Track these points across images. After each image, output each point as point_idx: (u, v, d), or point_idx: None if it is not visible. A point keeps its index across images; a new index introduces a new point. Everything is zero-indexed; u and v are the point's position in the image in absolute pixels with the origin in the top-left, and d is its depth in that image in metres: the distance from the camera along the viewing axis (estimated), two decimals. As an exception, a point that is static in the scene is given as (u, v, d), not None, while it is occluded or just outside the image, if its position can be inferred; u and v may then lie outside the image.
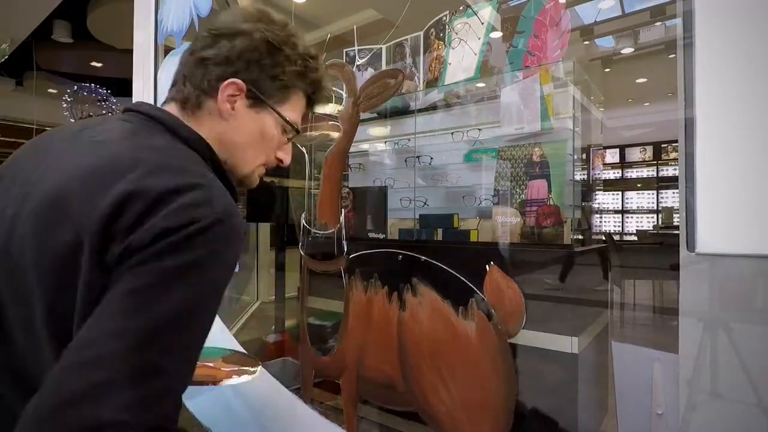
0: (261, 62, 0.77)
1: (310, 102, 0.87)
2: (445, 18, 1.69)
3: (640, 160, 6.96)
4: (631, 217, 6.79)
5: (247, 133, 0.80)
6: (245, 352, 1.39)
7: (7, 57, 5.95)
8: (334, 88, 1.40)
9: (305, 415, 1.44)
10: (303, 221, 1.47)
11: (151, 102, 1.90)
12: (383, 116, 2.49)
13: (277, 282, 2.78)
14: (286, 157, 0.87)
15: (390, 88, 1.24)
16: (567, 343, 1.42)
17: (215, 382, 1.13)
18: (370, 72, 1.49)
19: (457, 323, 1.13)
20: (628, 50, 3.22)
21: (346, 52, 1.72)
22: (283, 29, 0.81)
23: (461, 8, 1.60)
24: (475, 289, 1.09)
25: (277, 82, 0.79)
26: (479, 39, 1.50)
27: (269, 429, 1.51)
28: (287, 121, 0.82)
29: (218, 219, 0.57)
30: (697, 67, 0.69)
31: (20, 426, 0.48)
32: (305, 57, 0.82)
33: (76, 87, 7.66)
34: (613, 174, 7.05)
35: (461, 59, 1.57)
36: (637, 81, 4.84)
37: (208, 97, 0.77)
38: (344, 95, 1.32)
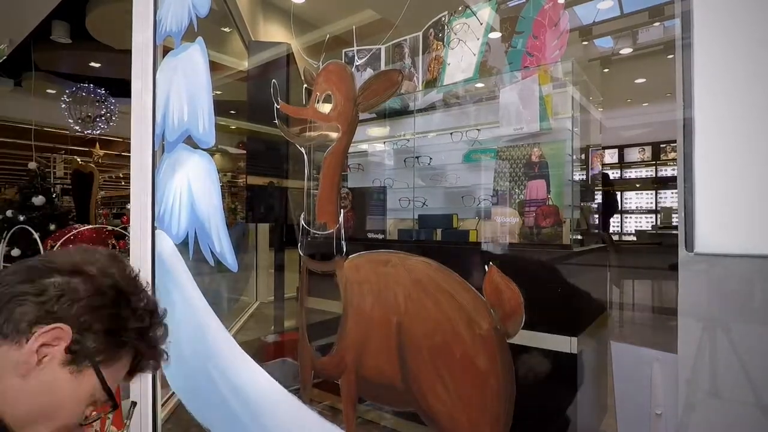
0: (101, 311, 0.63)
1: (136, 364, 0.70)
2: (444, 18, 1.69)
3: (639, 160, 6.97)
4: (630, 218, 6.80)
5: (43, 401, 0.60)
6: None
7: (5, 57, 5.95)
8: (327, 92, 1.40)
9: (304, 416, 1.43)
10: (302, 221, 1.47)
11: (150, 99, 1.90)
12: (382, 116, 2.49)
13: (276, 282, 2.78)
14: None
15: (389, 88, 1.24)
16: (566, 343, 1.42)
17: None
18: (369, 72, 1.49)
19: (457, 324, 1.13)
20: (626, 51, 3.23)
21: (345, 52, 1.72)
22: (131, 277, 0.69)
23: (460, 9, 1.60)
24: (474, 289, 1.09)
25: (111, 337, 0.64)
26: (478, 39, 1.50)
27: (268, 430, 1.50)
28: (108, 393, 0.64)
29: None
30: (696, 67, 0.69)
31: None
32: (153, 313, 0.69)
33: (74, 87, 7.67)
34: (611, 174, 7.05)
35: (460, 59, 1.57)
36: (636, 81, 4.85)
37: (8, 342, 0.59)
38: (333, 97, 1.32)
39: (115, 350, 0.65)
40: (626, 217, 6.77)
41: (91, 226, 6.45)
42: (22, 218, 6.48)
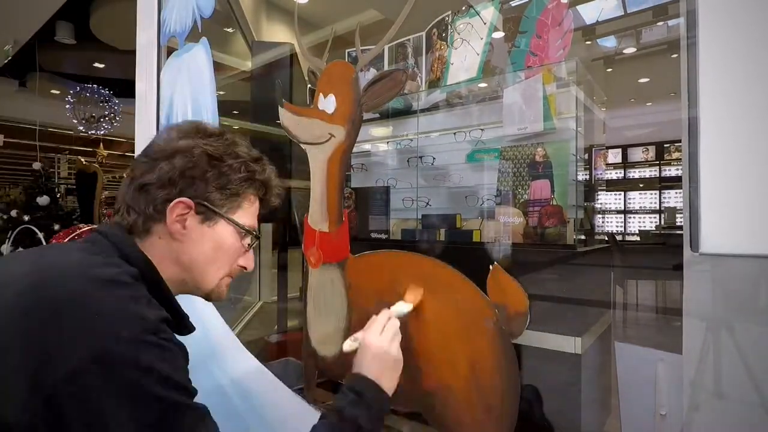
0: (205, 176, 0.77)
1: (263, 203, 0.88)
2: (447, 18, 1.69)
3: (643, 160, 6.94)
4: (634, 218, 6.78)
5: (204, 249, 0.79)
6: None
7: (10, 58, 5.98)
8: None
9: (308, 416, 1.44)
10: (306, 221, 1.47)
11: (154, 99, 1.91)
12: (385, 116, 2.49)
13: (279, 282, 2.78)
14: (249, 264, 0.87)
15: (393, 88, 1.24)
16: (570, 344, 1.42)
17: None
18: (372, 72, 1.49)
19: (461, 323, 1.13)
20: (630, 50, 3.21)
21: (348, 52, 1.72)
22: (219, 139, 0.81)
23: (463, 8, 1.60)
24: (478, 289, 1.09)
25: (225, 191, 0.79)
26: (482, 39, 1.50)
27: (272, 429, 1.51)
28: (244, 228, 0.82)
29: None
30: (701, 66, 0.69)
31: None
32: (248, 162, 0.83)
33: (78, 88, 7.70)
34: (615, 174, 7.04)
35: (464, 59, 1.57)
36: (640, 81, 4.83)
37: (156, 222, 0.76)
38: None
39: (233, 199, 0.81)
40: (630, 217, 6.76)
41: (95, 226, 6.47)
42: (26, 218, 6.51)
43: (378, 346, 0.88)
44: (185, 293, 0.83)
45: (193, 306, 1.82)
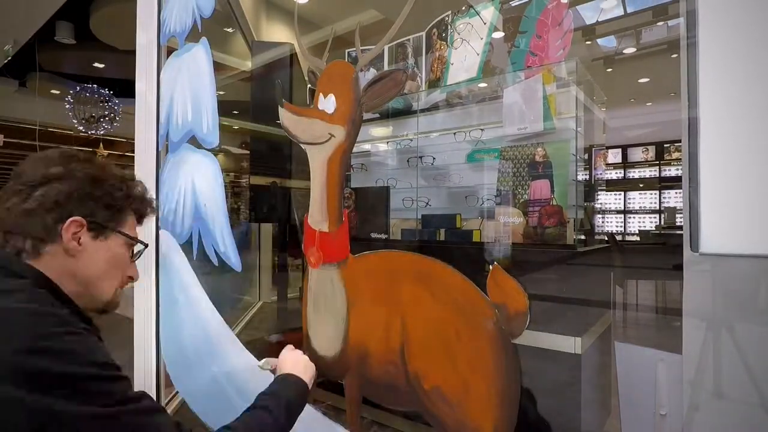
0: (92, 196, 0.83)
1: (140, 217, 0.95)
2: (447, 18, 1.69)
3: (643, 160, 6.95)
4: (634, 218, 6.78)
5: (99, 263, 0.85)
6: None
7: (10, 58, 5.98)
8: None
9: (308, 416, 1.44)
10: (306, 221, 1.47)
11: (154, 99, 1.91)
12: (385, 117, 2.49)
13: (279, 282, 2.78)
14: (135, 274, 0.95)
15: (393, 88, 1.24)
16: (570, 344, 1.42)
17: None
18: (372, 72, 1.49)
19: (461, 323, 1.13)
20: (630, 50, 3.22)
21: (348, 52, 1.72)
22: (94, 163, 0.88)
23: (463, 8, 1.60)
24: (478, 289, 1.09)
25: (111, 208, 0.86)
26: (482, 39, 1.50)
27: (272, 429, 1.51)
28: (134, 238, 0.91)
29: None
30: (701, 66, 0.69)
31: None
32: (125, 179, 0.91)
33: (78, 88, 7.69)
34: (615, 174, 7.04)
35: (463, 59, 1.57)
36: (640, 81, 4.83)
37: (47, 243, 0.80)
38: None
39: (118, 214, 0.88)
40: (630, 217, 6.76)
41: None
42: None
43: (292, 354, 1.16)
44: (82, 308, 0.88)
45: (193, 305, 1.82)
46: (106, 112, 7.85)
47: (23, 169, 0.84)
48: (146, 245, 0.94)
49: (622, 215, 6.82)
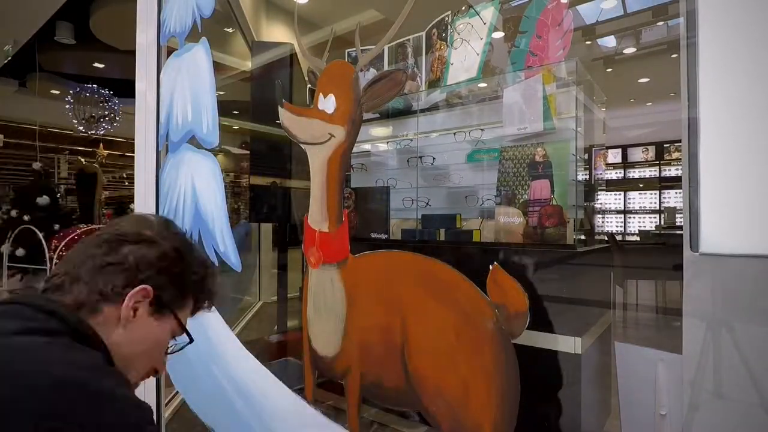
0: (169, 270, 0.79)
1: (196, 309, 0.88)
2: (447, 18, 1.69)
3: (643, 160, 6.95)
4: (634, 218, 6.78)
5: (144, 343, 0.79)
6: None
7: (10, 58, 5.98)
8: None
9: (308, 416, 1.44)
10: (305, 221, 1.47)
11: (154, 99, 1.90)
12: (385, 116, 2.49)
13: (279, 282, 2.78)
14: (163, 367, 0.86)
15: (393, 88, 1.24)
16: (570, 344, 1.42)
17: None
18: (372, 72, 1.49)
19: (461, 324, 1.13)
20: (630, 50, 3.22)
21: (348, 52, 1.72)
22: (185, 238, 0.85)
23: (463, 8, 1.60)
24: (478, 289, 1.09)
25: (179, 289, 0.81)
26: (481, 39, 1.50)
27: (272, 429, 1.51)
28: (184, 328, 0.84)
29: None
30: (701, 66, 0.69)
31: None
32: (206, 266, 0.87)
33: (78, 88, 7.70)
34: (615, 174, 7.04)
35: (463, 59, 1.57)
36: (640, 81, 4.83)
37: (109, 304, 0.74)
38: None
39: (182, 298, 0.83)
40: (630, 217, 6.76)
41: (95, 226, 6.47)
42: (26, 218, 6.51)
43: None
44: None
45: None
46: (106, 112, 7.86)
47: (122, 224, 0.83)
48: (191, 340, 0.86)
49: (622, 215, 6.83)
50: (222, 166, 1.70)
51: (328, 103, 1.33)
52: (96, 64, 7.54)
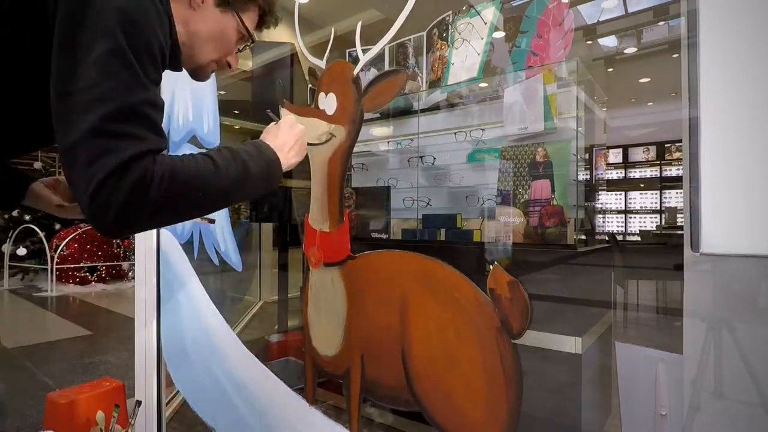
0: None
1: (261, 21, 0.97)
2: (448, 18, 1.69)
3: (644, 160, 6.94)
4: (634, 217, 6.77)
5: (209, 28, 0.89)
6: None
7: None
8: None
9: (309, 415, 1.44)
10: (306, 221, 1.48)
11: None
12: (386, 116, 2.49)
13: (279, 282, 2.79)
14: (235, 63, 0.97)
15: (394, 88, 1.24)
16: (570, 344, 1.42)
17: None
18: (373, 72, 1.49)
19: (461, 324, 1.13)
20: (631, 50, 3.21)
21: (348, 52, 1.72)
22: None
23: (464, 8, 1.60)
24: (479, 289, 1.09)
25: None
26: (482, 39, 1.50)
27: (273, 429, 1.51)
28: (246, 28, 0.92)
29: None
30: (702, 66, 0.69)
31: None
32: None
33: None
34: (616, 174, 7.04)
35: (464, 59, 1.57)
36: (641, 81, 4.83)
37: None
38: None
39: (245, 2, 0.91)
40: (630, 217, 6.75)
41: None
42: (27, 218, 6.51)
43: (292, 120, 1.00)
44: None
45: (194, 305, 1.82)
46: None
47: None
48: (254, 41, 0.96)
49: (623, 215, 6.82)
50: (223, 166, 1.70)
51: (328, 103, 1.33)
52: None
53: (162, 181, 0.65)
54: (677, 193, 6.38)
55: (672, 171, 6.63)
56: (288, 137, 0.94)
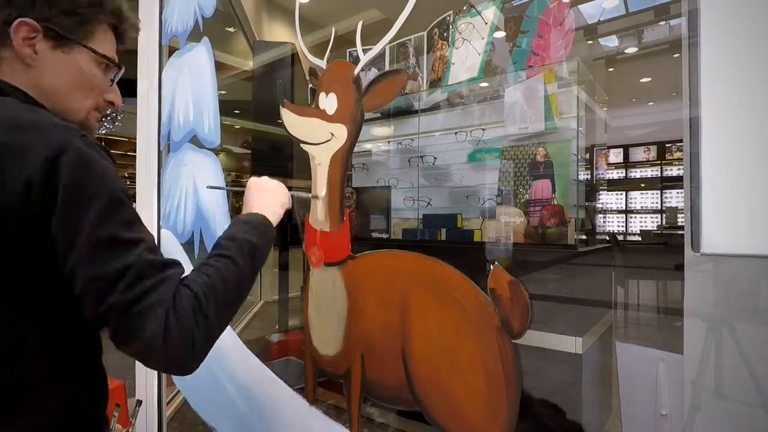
0: (53, 1, 0.74)
1: (118, 34, 0.84)
2: (448, 18, 1.69)
3: (644, 159, 6.94)
4: (635, 217, 6.77)
5: (63, 77, 0.76)
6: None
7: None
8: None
9: (309, 415, 1.44)
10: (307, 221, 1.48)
11: (156, 99, 1.91)
12: (387, 116, 2.49)
13: (280, 282, 2.79)
14: (117, 99, 0.84)
15: (394, 88, 1.24)
16: (571, 343, 1.42)
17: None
18: (373, 72, 1.49)
19: (462, 323, 1.13)
20: (632, 50, 3.21)
21: (349, 52, 1.72)
22: None
23: (465, 8, 1.60)
24: (479, 289, 1.09)
25: (73, 16, 0.75)
26: (483, 39, 1.50)
27: (273, 428, 1.51)
28: (102, 55, 0.79)
29: None
30: (703, 66, 0.69)
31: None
32: None
33: (80, 87, 7.68)
34: (616, 174, 7.03)
35: (465, 59, 1.57)
36: (642, 80, 4.83)
37: (1, 47, 0.72)
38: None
39: (84, 26, 0.77)
40: (631, 217, 6.75)
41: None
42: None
43: (256, 181, 1.01)
44: None
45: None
46: (108, 111, 7.86)
47: None
48: (118, 66, 0.83)
49: (624, 215, 6.82)
50: (223, 166, 1.71)
51: (329, 103, 1.33)
52: (98, 64, 7.53)
53: (206, 296, 0.66)
54: (678, 192, 6.38)
55: (672, 171, 6.63)
56: (264, 197, 0.98)
